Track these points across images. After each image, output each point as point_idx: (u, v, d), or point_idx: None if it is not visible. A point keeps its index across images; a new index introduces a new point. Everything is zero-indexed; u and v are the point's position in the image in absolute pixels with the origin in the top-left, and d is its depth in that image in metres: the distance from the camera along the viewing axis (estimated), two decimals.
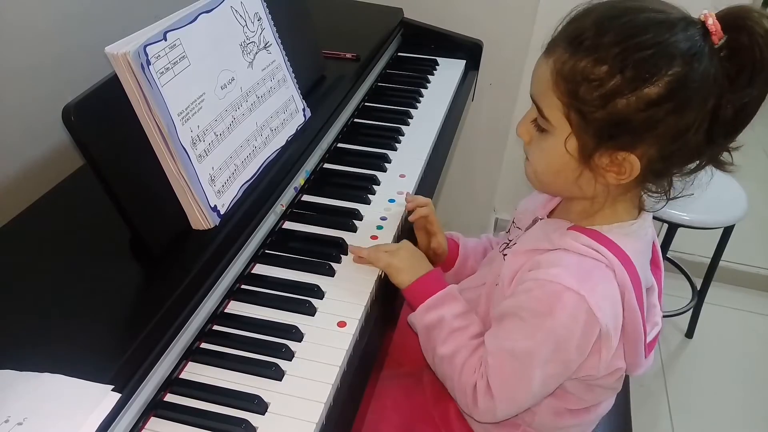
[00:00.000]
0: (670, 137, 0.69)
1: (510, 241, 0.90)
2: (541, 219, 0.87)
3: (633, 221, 0.79)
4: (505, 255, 0.86)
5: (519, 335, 0.77)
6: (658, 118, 0.67)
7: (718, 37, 0.67)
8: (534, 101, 0.76)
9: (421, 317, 0.86)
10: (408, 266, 0.89)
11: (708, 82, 0.67)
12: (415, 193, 1.09)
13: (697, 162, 0.73)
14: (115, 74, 0.75)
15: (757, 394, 1.84)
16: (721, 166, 0.75)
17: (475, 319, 0.86)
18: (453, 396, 0.85)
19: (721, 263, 1.89)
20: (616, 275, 0.74)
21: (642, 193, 0.79)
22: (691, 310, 1.96)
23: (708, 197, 1.73)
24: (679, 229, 1.73)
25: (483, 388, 0.79)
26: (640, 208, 0.80)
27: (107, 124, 0.75)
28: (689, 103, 0.67)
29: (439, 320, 0.84)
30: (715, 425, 1.74)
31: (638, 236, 0.79)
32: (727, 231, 1.79)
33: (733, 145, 0.73)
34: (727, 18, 0.68)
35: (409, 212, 1.02)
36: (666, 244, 1.81)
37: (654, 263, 0.87)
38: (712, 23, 0.67)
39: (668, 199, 0.77)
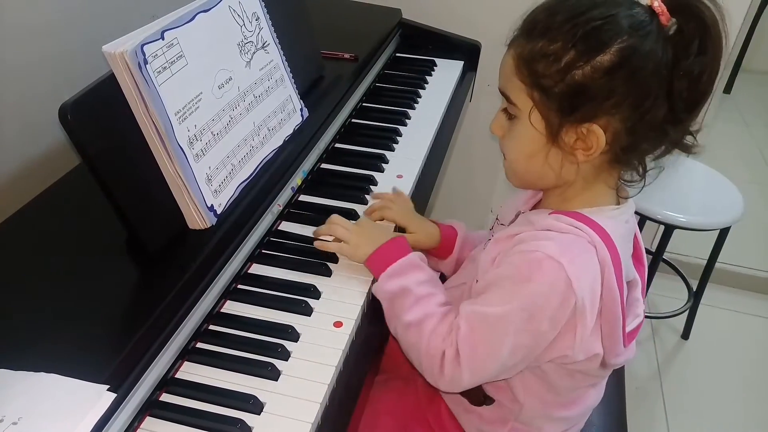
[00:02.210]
0: (629, 106, 0.72)
1: (492, 237, 0.90)
2: (523, 212, 0.88)
3: (614, 207, 0.80)
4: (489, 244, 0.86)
5: (495, 300, 0.77)
6: (614, 85, 0.71)
7: (665, 18, 0.71)
8: (501, 92, 0.80)
9: (383, 285, 0.84)
10: (365, 240, 0.88)
11: (658, 55, 0.71)
12: (413, 194, 1.10)
13: (664, 144, 0.76)
14: (112, 73, 0.74)
15: (753, 396, 1.85)
16: (686, 149, 0.77)
17: (441, 288, 0.86)
18: (419, 367, 0.83)
19: (717, 265, 1.89)
20: (597, 252, 0.75)
21: (619, 182, 0.81)
22: (687, 312, 1.96)
23: (704, 199, 1.75)
24: (676, 231, 1.73)
25: (451, 356, 0.78)
26: (620, 197, 0.82)
27: (104, 123, 0.75)
28: (642, 70, 0.71)
29: (402, 289, 0.83)
30: (711, 427, 1.75)
31: (619, 221, 0.80)
32: (724, 233, 1.79)
33: (694, 128, 0.76)
34: (673, 1, 0.72)
35: None
36: (662, 246, 1.81)
37: (636, 258, 0.88)
38: (657, 5, 0.72)
39: (643, 184, 0.79)
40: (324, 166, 1.13)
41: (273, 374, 0.74)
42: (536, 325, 0.75)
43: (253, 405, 0.70)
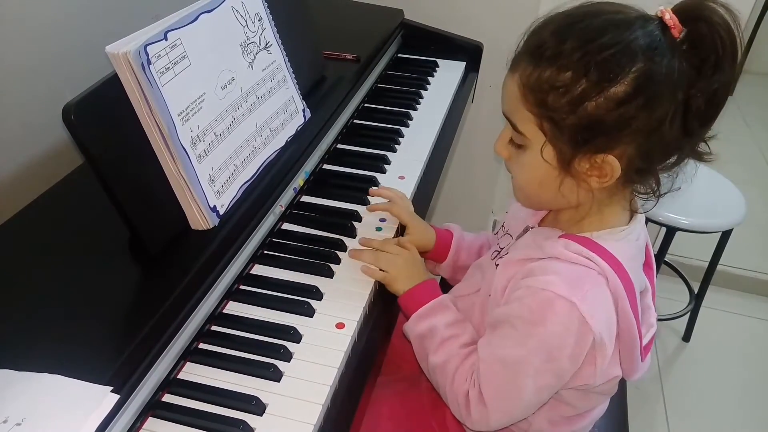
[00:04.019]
0: (645, 133, 0.69)
1: (501, 249, 0.90)
2: (531, 227, 0.86)
3: (624, 227, 0.78)
4: (497, 265, 0.86)
5: (511, 343, 0.77)
6: (629, 116, 0.68)
7: (677, 30, 0.68)
8: (507, 118, 0.76)
9: (413, 327, 0.86)
10: (403, 274, 0.89)
11: (673, 75, 0.67)
12: (414, 195, 1.09)
13: (677, 156, 0.74)
14: (116, 73, 0.74)
15: (754, 398, 1.84)
16: (700, 157, 0.75)
17: (468, 328, 0.86)
18: (448, 405, 0.85)
19: (718, 267, 1.89)
20: (609, 282, 0.74)
21: (632, 195, 0.78)
22: (688, 314, 1.96)
23: (707, 201, 1.75)
24: (678, 233, 1.73)
25: (475, 397, 0.79)
26: (632, 212, 0.80)
27: (107, 124, 0.75)
28: (658, 97, 0.68)
29: (430, 329, 0.84)
30: (712, 429, 1.74)
31: (629, 241, 0.78)
32: (725, 235, 1.79)
33: (708, 134, 0.74)
34: (683, 11, 0.69)
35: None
36: (664, 248, 1.81)
37: (647, 264, 0.87)
38: (669, 18, 0.68)
39: (658, 198, 0.77)
40: (326, 166, 1.13)
41: (275, 375, 0.74)
42: (557, 364, 0.75)
43: (256, 406, 0.70)
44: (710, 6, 0.67)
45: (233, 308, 0.83)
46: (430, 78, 1.46)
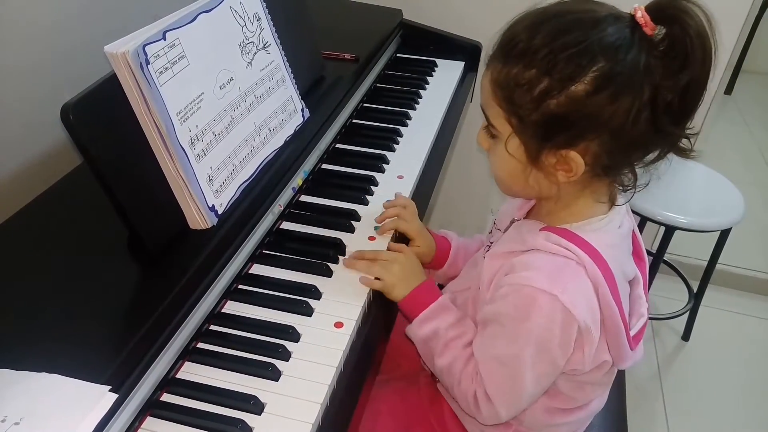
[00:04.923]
0: (607, 131, 0.70)
1: (491, 244, 0.91)
2: (517, 220, 0.88)
3: (602, 216, 0.80)
4: (485, 258, 0.87)
5: (502, 342, 0.79)
6: (590, 114, 0.69)
7: (650, 28, 0.68)
8: (482, 111, 0.79)
9: (416, 330, 0.87)
10: (400, 280, 0.89)
11: (638, 73, 0.68)
12: (413, 195, 1.10)
13: (658, 151, 0.74)
14: (114, 73, 0.75)
15: (753, 398, 1.84)
16: (682, 153, 0.75)
17: (470, 326, 0.87)
18: (458, 402, 0.87)
19: (717, 266, 1.89)
20: (587, 271, 0.75)
21: (612, 188, 0.79)
22: (687, 313, 1.96)
23: (705, 200, 1.75)
24: (676, 232, 1.73)
25: (482, 396, 0.81)
26: (611, 203, 0.81)
27: (106, 124, 0.75)
28: (620, 95, 0.68)
29: (434, 332, 0.86)
30: (711, 428, 1.75)
31: (609, 230, 0.80)
32: (724, 234, 1.79)
33: (691, 132, 0.74)
34: (657, 9, 0.69)
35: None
36: (663, 247, 1.82)
37: (636, 254, 0.88)
38: (640, 16, 0.69)
39: (634, 192, 0.78)
40: (325, 166, 1.13)
41: (274, 374, 0.74)
42: (549, 354, 0.76)
43: (254, 405, 0.70)
44: (683, 5, 0.68)
45: (232, 308, 0.83)
46: (428, 78, 1.46)
